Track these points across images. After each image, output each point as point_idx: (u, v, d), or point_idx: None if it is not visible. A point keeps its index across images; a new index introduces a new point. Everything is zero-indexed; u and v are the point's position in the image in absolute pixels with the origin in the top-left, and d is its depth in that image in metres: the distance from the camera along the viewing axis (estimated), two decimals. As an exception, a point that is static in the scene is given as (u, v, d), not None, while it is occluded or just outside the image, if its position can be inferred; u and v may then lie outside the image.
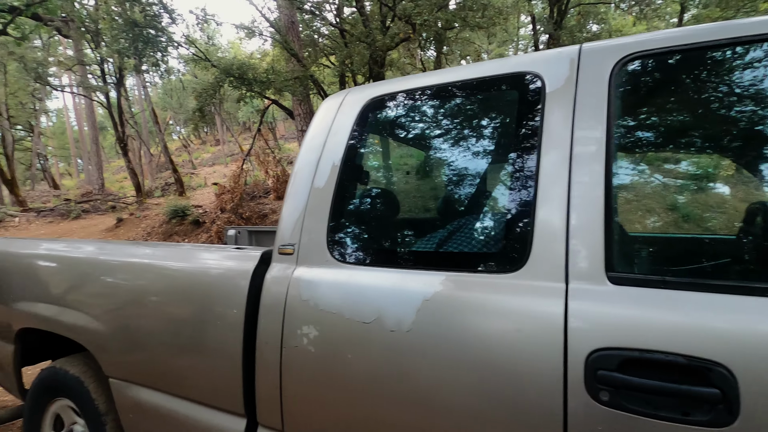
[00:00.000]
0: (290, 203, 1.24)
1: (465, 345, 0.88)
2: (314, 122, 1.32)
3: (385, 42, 9.57)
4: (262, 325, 1.16)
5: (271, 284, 1.18)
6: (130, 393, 1.44)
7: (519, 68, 1.04)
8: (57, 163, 42.35)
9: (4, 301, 1.90)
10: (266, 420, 1.15)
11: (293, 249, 1.19)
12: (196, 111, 9.61)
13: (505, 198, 0.96)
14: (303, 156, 1.28)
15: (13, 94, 18.99)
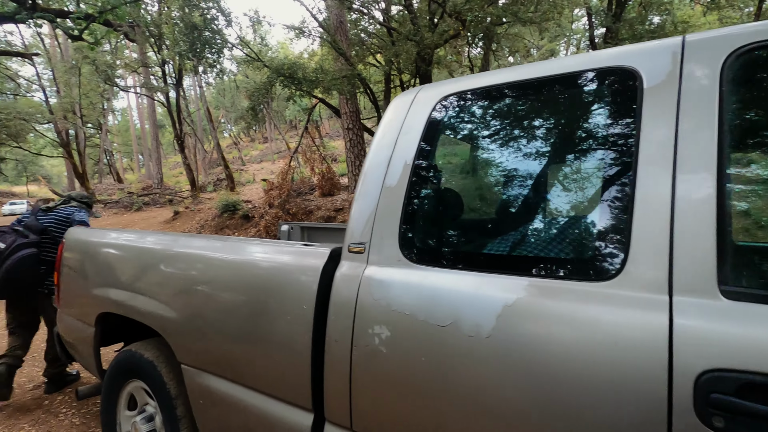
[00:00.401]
0: (361, 202, 1.24)
1: (551, 356, 0.84)
2: (384, 121, 1.31)
3: (434, 39, 9.47)
4: (331, 323, 1.16)
5: (341, 282, 1.18)
6: (200, 380, 1.50)
7: (610, 63, 0.97)
8: (121, 159, 45.59)
9: (86, 287, 2.06)
10: (334, 416, 1.16)
11: (364, 248, 1.18)
12: (249, 110, 9.96)
13: (597, 201, 0.90)
14: (373, 155, 1.28)
15: (86, 95, 20.60)
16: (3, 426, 2.51)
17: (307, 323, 1.20)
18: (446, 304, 0.98)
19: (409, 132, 1.22)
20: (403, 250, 1.11)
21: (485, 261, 1.00)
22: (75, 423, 2.53)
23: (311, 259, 1.26)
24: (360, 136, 12.98)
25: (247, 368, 1.35)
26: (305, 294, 1.22)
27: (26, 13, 11.53)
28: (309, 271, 1.24)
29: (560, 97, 1.04)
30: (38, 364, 3.44)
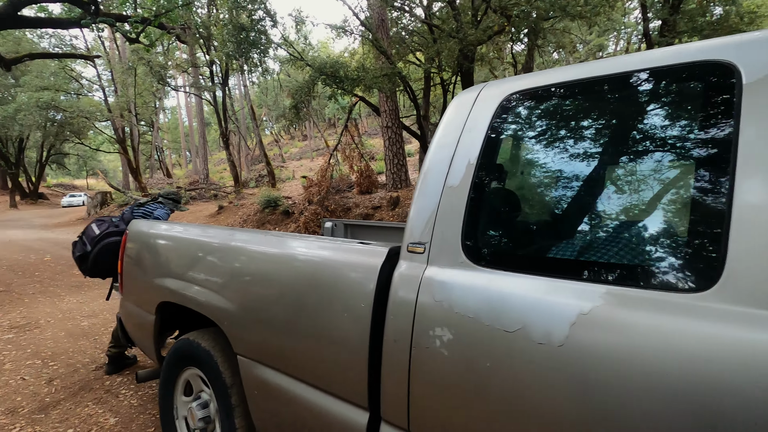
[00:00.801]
0: (421, 201, 1.22)
1: (630, 371, 0.78)
2: (445, 119, 1.29)
3: (477, 36, 9.28)
4: (390, 322, 1.16)
5: (400, 282, 1.17)
6: (256, 371, 1.54)
7: (702, 57, 0.90)
8: (170, 155, 47.97)
9: (147, 277, 2.17)
10: (391, 417, 1.15)
11: (424, 248, 1.17)
12: (292, 108, 10.18)
13: (688, 206, 0.84)
14: (434, 153, 1.26)
15: (140, 95, 21.80)
16: (70, 402, 2.70)
17: (365, 321, 1.20)
18: (514, 309, 0.95)
19: (473, 130, 1.19)
20: (465, 252, 1.09)
21: (557, 266, 0.96)
22: (133, 404, 2.68)
23: (369, 258, 1.26)
24: (399, 134, 12.98)
25: (303, 363, 1.37)
26: (363, 292, 1.22)
27: (90, 18, 12.34)
28: (367, 270, 1.24)
29: (642, 95, 0.97)
30: (99, 347, 3.68)
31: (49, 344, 3.76)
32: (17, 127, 22.94)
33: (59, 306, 5.10)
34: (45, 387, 2.92)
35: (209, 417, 1.86)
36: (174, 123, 49.31)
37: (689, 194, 0.84)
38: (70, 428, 2.41)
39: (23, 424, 2.44)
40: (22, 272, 7.26)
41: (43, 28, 19.18)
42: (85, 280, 6.62)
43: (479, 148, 1.15)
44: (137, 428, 2.42)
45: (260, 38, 10.09)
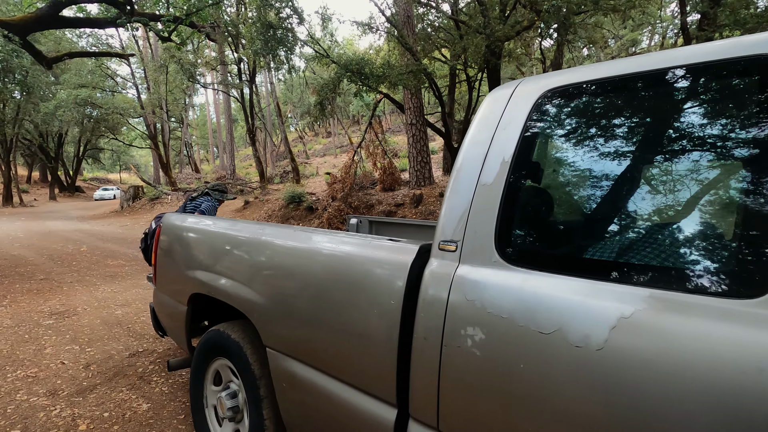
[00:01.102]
0: (453, 199, 1.21)
1: (674, 378, 0.75)
2: (479, 116, 1.27)
3: (505, 31, 9.12)
4: (420, 320, 1.15)
5: (431, 280, 1.17)
6: (284, 364, 1.57)
7: (762, 50, 0.85)
8: (198, 151, 49.24)
9: (180, 269, 2.23)
10: (419, 414, 1.15)
11: (456, 246, 1.15)
12: (317, 104, 10.27)
13: (739, 207, 0.80)
14: (467, 151, 1.24)
15: (171, 92, 22.44)
16: (106, 387, 2.82)
17: (395, 318, 1.20)
18: (550, 311, 0.93)
19: (508, 127, 1.17)
20: (499, 251, 1.07)
21: (597, 267, 0.93)
22: (164, 391, 2.78)
23: (400, 255, 1.26)
24: (423, 131, 12.91)
25: (331, 357, 1.39)
26: (393, 289, 1.22)
27: (125, 18, 12.77)
28: (397, 267, 1.23)
29: (693, 91, 0.93)
30: (132, 335, 3.82)
31: (86, 331, 3.93)
32: (57, 122, 24.03)
33: (95, 295, 5.33)
34: (82, 371, 3.05)
35: (237, 407, 1.91)
36: (202, 120, 50.59)
37: (741, 197, 0.80)
38: (106, 412, 2.51)
39: (63, 406, 2.56)
40: (61, 261, 7.62)
41: (82, 28, 19.99)
42: (119, 270, 6.90)
43: (514, 146, 1.13)
44: (168, 414, 2.50)
45: (287, 36, 10.22)
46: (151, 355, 3.37)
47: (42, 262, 7.48)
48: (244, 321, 1.94)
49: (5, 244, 9.47)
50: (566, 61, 17.48)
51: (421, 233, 3.18)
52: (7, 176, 24.24)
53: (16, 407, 2.55)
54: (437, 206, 11.67)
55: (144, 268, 7.12)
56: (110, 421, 2.42)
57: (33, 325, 4.10)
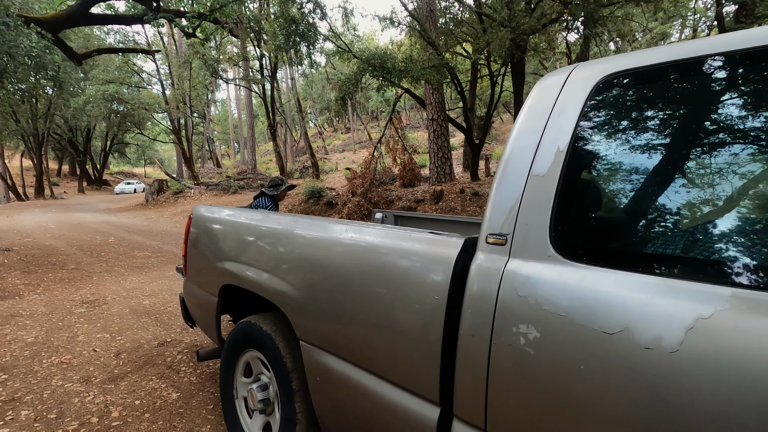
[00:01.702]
0: (502, 190, 1.15)
1: (759, 384, 0.69)
2: (529, 104, 1.21)
3: (531, 24, 8.91)
4: (467, 316, 1.10)
5: (478, 274, 1.11)
6: (319, 358, 1.54)
7: None
8: (219, 146, 50.03)
9: (211, 260, 2.23)
10: (465, 414, 1.10)
11: (505, 240, 1.10)
12: (339, 99, 10.26)
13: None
14: (516, 140, 1.18)
15: (194, 87, 22.82)
16: (136, 375, 2.87)
17: (439, 314, 1.15)
18: (614, 309, 0.87)
19: (563, 115, 1.10)
20: (554, 245, 1.01)
21: (669, 264, 0.86)
22: (193, 381, 2.81)
23: (443, 248, 1.21)
24: (444, 127, 12.78)
25: (369, 352, 1.35)
26: (437, 284, 1.17)
27: (152, 15, 13.01)
28: (441, 261, 1.19)
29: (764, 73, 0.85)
30: (160, 325, 3.89)
31: (115, 320, 4.02)
32: (85, 117, 24.77)
33: (123, 285, 5.45)
34: (114, 359, 3.12)
35: (268, 399, 1.90)
36: (224, 115, 51.38)
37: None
38: (137, 400, 2.55)
39: (96, 393, 2.62)
40: (90, 252, 7.84)
41: (110, 25, 20.47)
42: (146, 262, 7.05)
43: (570, 134, 1.07)
44: (197, 404, 2.53)
45: (309, 30, 10.23)
46: (178, 345, 3.42)
47: (72, 253, 7.71)
48: (275, 313, 1.93)
49: (38, 235, 9.81)
50: (592, 55, 17.01)
51: (448, 228, 3.12)
52: (39, 169, 25.14)
53: (52, 392, 2.61)
54: (458, 203, 11.54)
55: (169, 260, 7.26)
56: (141, 409, 2.45)
57: (66, 312, 4.22)
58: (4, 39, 8.24)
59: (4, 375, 2.82)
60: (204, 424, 2.32)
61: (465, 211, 11.17)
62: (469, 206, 11.34)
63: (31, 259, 6.95)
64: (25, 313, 4.16)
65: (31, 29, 9.68)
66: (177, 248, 8.49)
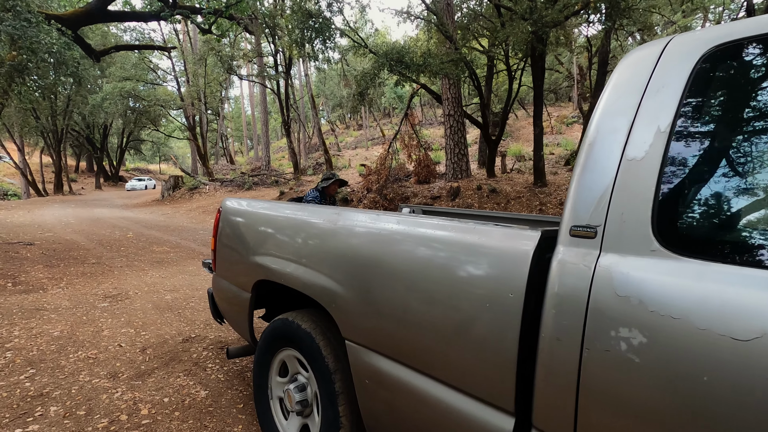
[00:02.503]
0: (588, 177, 1.03)
1: None
2: (615, 81, 1.08)
3: (553, 16, 8.68)
4: (550, 318, 0.99)
5: (562, 271, 1.00)
6: (368, 359, 1.44)
7: None
8: (233, 143, 50.39)
9: (244, 255, 2.15)
10: (547, 426, 0.99)
11: (594, 232, 0.98)
12: (357, 95, 10.15)
13: None
14: (602, 121, 1.06)
15: (209, 84, 22.94)
16: (163, 372, 2.81)
17: (514, 314, 1.04)
18: (747, 312, 0.74)
19: (662, 92, 0.98)
20: (659, 238, 0.89)
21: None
22: (220, 379, 2.74)
23: (516, 242, 1.09)
24: (461, 122, 12.59)
25: (430, 356, 1.24)
26: (511, 281, 1.06)
27: (168, 11, 13.05)
28: (515, 256, 1.07)
29: None
30: (183, 320, 3.84)
31: (139, 314, 3.99)
32: (103, 114, 25.09)
33: (144, 279, 5.44)
34: (139, 355, 3.07)
35: (306, 401, 1.81)
36: (237, 112, 51.68)
37: None
38: (166, 397, 2.49)
39: (124, 389, 2.56)
40: (110, 247, 7.88)
41: (127, 22, 20.66)
42: (165, 257, 7.05)
43: (673, 113, 0.94)
44: (227, 403, 2.45)
45: (326, 25, 10.13)
46: (203, 341, 3.36)
47: (93, 247, 7.76)
48: (314, 309, 1.83)
49: (59, 230, 9.93)
50: (612, 48, 16.59)
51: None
52: (58, 165, 25.58)
53: (80, 388, 2.57)
54: (474, 199, 11.37)
55: (188, 255, 7.26)
56: (171, 407, 2.39)
57: (89, 307, 4.20)
58: (26, 35, 8.31)
59: (32, 369, 2.79)
60: (235, 424, 2.25)
61: (482, 208, 10.99)
62: (486, 203, 11.16)
63: (53, 253, 7.01)
64: (49, 307, 4.16)
65: (52, 26, 9.76)
66: (195, 244, 8.50)
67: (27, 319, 3.77)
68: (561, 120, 24.67)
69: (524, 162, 17.01)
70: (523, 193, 10.98)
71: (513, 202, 10.78)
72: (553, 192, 10.70)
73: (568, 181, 11.87)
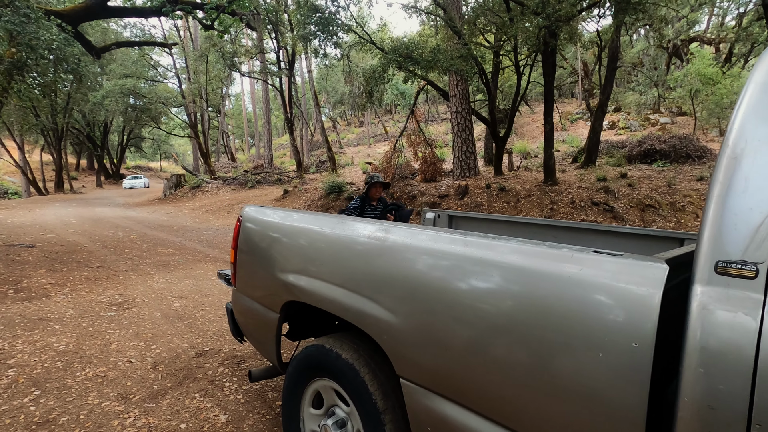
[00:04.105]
0: (735, 199, 0.82)
1: None
2: (760, 78, 0.87)
3: (567, 10, 8.44)
4: (695, 378, 0.79)
5: (709, 319, 0.79)
6: (430, 403, 1.24)
7: None
8: (234, 140, 50.15)
9: (272, 272, 1.94)
10: None
11: (756, 271, 0.77)
12: (366, 92, 9.92)
13: None
14: (749, 129, 0.85)
15: (210, 81, 22.67)
16: (178, 392, 2.61)
17: (640, 370, 0.84)
18: None
19: (840, 93, 0.77)
20: None
21: None
22: (240, 400, 2.54)
23: (636, 278, 0.89)
24: (469, 120, 12.36)
25: (516, 409, 1.04)
26: (633, 327, 0.86)
27: (170, 6, 12.79)
28: (636, 295, 0.87)
29: None
30: (195, 331, 3.65)
31: (147, 325, 3.79)
32: (103, 112, 24.84)
33: (151, 285, 5.24)
34: (151, 372, 2.87)
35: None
36: (238, 109, 51.37)
37: None
38: (183, 423, 2.29)
39: (137, 414, 2.37)
40: (113, 249, 7.68)
41: (128, 17, 20.37)
42: (171, 259, 6.85)
43: None
44: (249, 429, 2.26)
45: (332, 20, 9.88)
46: (217, 355, 3.17)
47: (96, 249, 7.56)
48: (354, 333, 1.63)
49: (60, 230, 9.73)
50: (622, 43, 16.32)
51: (519, 231, 2.78)
52: (59, 164, 25.35)
53: (89, 413, 2.37)
54: (484, 198, 11.15)
55: (194, 257, 7.06)
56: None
57: (95, 316, 4.00)
58: (25, 31, 8.07)
59: (36, 390, 2.59)
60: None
61: (492, 207, 10.77)
62: (495, 202, 10.94)
63: (56, 256, 6.81)
64: (53, 317, 3.96)
65: (51, 21, 9.52)
66: (200, 245, 8.30)
67: (30, 331, 3.57)
68: (566, 116, 24.42)
69: (530, 159, 16.79)
70: (533, 192, 10.75)
71: (523, 200, 10.56)
72: (564, 190, 10.48)
73: (577, 178, 11.63)
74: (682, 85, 17.68)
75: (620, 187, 9.97)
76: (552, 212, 9.74)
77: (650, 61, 22.93)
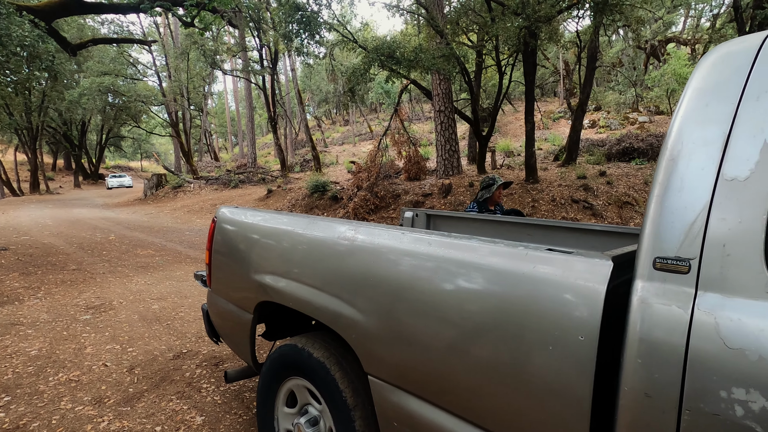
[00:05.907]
0: (672, 198, 0.87)
1: None
2: (696, 85, 0.92)
3: (546, 11, 8.58)
4: (634, 369, 0.83)
5: (647, 312, 0.84)
6: (396, 399, 1.27)
7: None
8: (216, 139, 49.43)
9: (245, 272, 1.94)
10: (632, 499, 0.83)
11: (688, 266, 0.82)
12: (348, 91, 9.91)
13: None
14: (686, 132, 0.90)
15: (191, 79, 22.32)
16: (154, 395, 2.59)
17: (585, 361, 0.88)
18: None
19: (764, 98, 0.82)
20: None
21: None
22: (217, 401, 2.54)
23: (584, 274, 0.93)
24: (452, 118, 12.45)
25: (474, 402, 1.08)
26: (579, 321, 0.90)
27: (148, 3, 12.55)
28: (584, 291, 0.91)
29: None
30: (173, 333, 3.61)
31: (124, 328, 3.74)
32: (80, 110, 24.22)
33: (129, 287, 5.16)
34: (127, 375, 2.84)
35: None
36: (220, 108, 50.68)
37: None
38: (158, 425, 2.28)
39: (111, 418, 2.34)
40: (91, 251, 7.52)
41: (105, 14, 19.90)
42: (150, 261, 6.75)
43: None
44: (225, 430, 2.26)
45: (314, 18, 9.84)
46: (195, 357, 3.15)
47: (72, 252, 7.40)
48: (326, 334, 1.65)
49: (35, 233, 9.48)
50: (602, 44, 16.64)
51: (497, 231, 2.84)
52: (34, 164, 24.65)
53: (61, 418, 2.34)
54: (467, 197, 11.26)
55: (174, 258, 6.97)
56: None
57: (70, 320, 3.93)
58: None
59: (6, 397, 2.54)
60: (236, 456, 2.06)
61: (475, 205, 10.89)
62: (478, 200, 11.07)
63: (30, 259, 6.64)
64: (26, 321, 3.87)
65: (24, 17, 9.26)
66: (181, 246, 8.19)
67: (1, 336, 3.48)
68: (548, 115, 24.80)
69: (513, 158, 17.00)
70: (515, 190, 10.90)
71: (505, 198, 10.70)
72: (545, 188, 10.66)
73: (558, 176, 11.84)
74: (660, 84, 18.15)
75: (599, 185, 10.19)
76: (533, 210, 9.90)
77: (629, 61, 23.43)
